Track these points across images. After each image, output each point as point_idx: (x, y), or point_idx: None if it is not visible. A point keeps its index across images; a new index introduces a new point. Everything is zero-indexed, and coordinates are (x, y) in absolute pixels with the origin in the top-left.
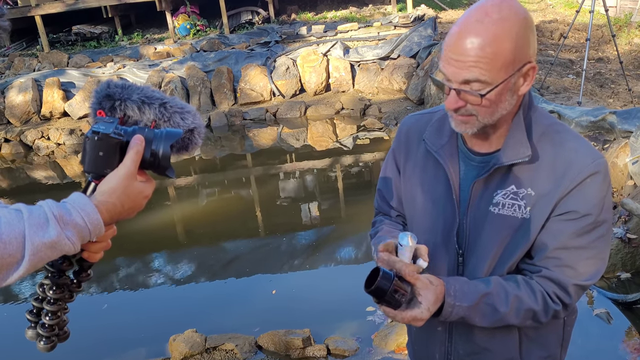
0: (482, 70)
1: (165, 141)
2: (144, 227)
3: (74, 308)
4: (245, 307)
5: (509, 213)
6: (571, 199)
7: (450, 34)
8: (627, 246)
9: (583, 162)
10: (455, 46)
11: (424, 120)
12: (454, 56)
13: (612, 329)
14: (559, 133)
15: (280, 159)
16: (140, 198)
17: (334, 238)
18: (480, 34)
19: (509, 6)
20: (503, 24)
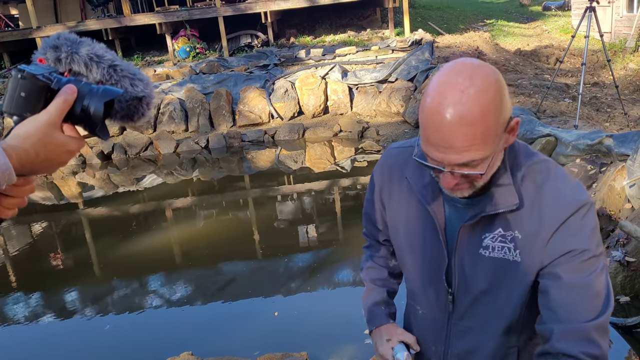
0: (476, 151)
1: (100, 98)
2: (141, 248)
3: (72, 331)
4: (243, 329)
5: (500, 256)
6: (560, 240)
7: (430, 119)
8: (626, 269)
9: (564, 203)
10: (441, 134)
11: (407, 153)
12: (443, 144)
13: (612, 353)
14: (540, 173)
15: (278, 181)
16: (61, 152)
17: (332, 261)
18: (465, 116)
19: (480, 74)
20: (482, 98)
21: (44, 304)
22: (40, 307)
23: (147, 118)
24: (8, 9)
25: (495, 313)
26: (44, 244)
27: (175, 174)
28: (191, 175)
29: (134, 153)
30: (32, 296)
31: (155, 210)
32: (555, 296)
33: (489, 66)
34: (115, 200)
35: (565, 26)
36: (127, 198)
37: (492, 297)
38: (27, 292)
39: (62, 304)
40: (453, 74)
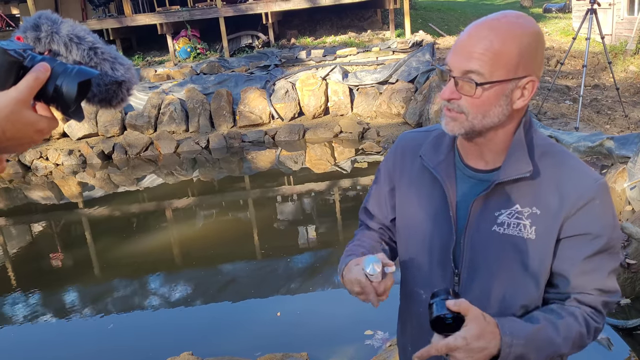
0: (483, 62)
1: (73, 78)
2: (142, 248)
3: (74, 330)
4: (243, 330)
5: (515, 233)
6: (580, 220)
7: (466, 29)
8: (627, 271)
9: (587, 182)
10: (466, 36)
11: (420, 137)
12: (462, 45)
13: (613, 355)
14: (560, 153)
15: (278, 182)
16: (30, 131)
17: (332, 261)
18: (493, 29)
19: (527, 18)
20: (516, 28)
21: (46, 303)
22: (42, 307)
23: (126, 103)
24: (9, 8)
25: (502, 293)
26: (44, 244)
27: (175, 174)
28: (191, 175)
29: (135, 153)
30: (33, 296)
31: (155, 211)
32: (571, 278)
33: (539, 26)
34: (115, 200)
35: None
36: (128, 198)
37: (500, 278)
38: (28, 292)
39: (63, 304)
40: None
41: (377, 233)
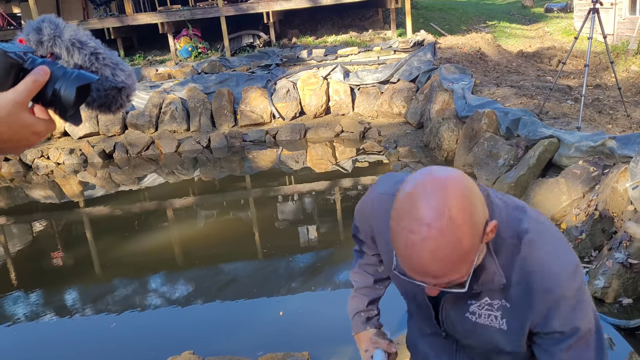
0: (454, 274)
1: (72, 82)
2: (143, 247)
3: (75, 329)
4: (244, 329)
5: (487, 323)
6: (551, 320)
7: (402, 251)
8: (629, 271)
9: (553, 278)
10: (415, 267)
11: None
12: (419, 272)
13: (615, 355)
14: (524, 244)
15: (279, 181)
16: (27, 133)
17: (333, 261)
18: (435, 251)
19: (444, 199)
20: (453, 228)
21: (47, 302)
22: (44, 306)
23: (125, 109)
24: (10, 7)
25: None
26: (45, 243)
27: (176, 174)
28: (192, 174)
29: (136, 152)
30: (34, 295)
31: (156, 210)
32: None
33: (453, 181)
34: (116, 200)
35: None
36: (129, 197)
37: (483, 351)
38: (30, 291)
39: (65, 303)
40: (418, 202)
41: (375, 260)
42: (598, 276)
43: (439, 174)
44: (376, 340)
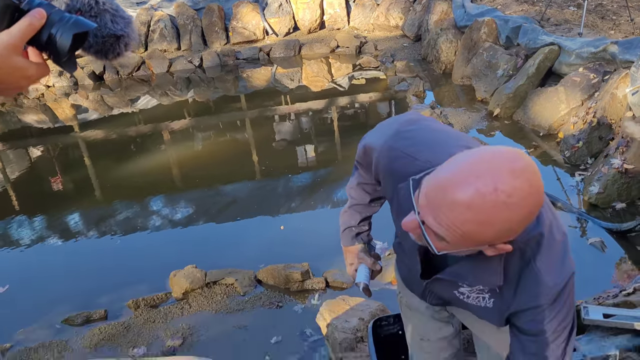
0: (447, 234)
1: (69, 28)
2: (141, 170)
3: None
4: (245, 245)
5: (474, 303)
6: (523, 318)
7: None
8: (624, 177)
9: (535, 292)
10: (440, 191)
11: (403, 162)
12: (432, 196)
13: (606, 257)
14: (530, 247)
15: (275, 101)
16: (18, 76)
17: (331, 180)
18: (471, 211)
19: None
20: (502, 212)
21: (50, 226)
22: (47, 229)
23: (123, 58)
24: None
25: None
26: (43, 168)
27: (170, 95)
28: (186, 95)
29: (126, 73)
30: (36, 219)
31: (152, 133)
32: (519, 357)
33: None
34: (111, 123)
35: None
36: (123, 120)
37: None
38: (31, 215)
39: (67, 226)
40: (502, 159)
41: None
42: (593, 182)
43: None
44: (362, 256)
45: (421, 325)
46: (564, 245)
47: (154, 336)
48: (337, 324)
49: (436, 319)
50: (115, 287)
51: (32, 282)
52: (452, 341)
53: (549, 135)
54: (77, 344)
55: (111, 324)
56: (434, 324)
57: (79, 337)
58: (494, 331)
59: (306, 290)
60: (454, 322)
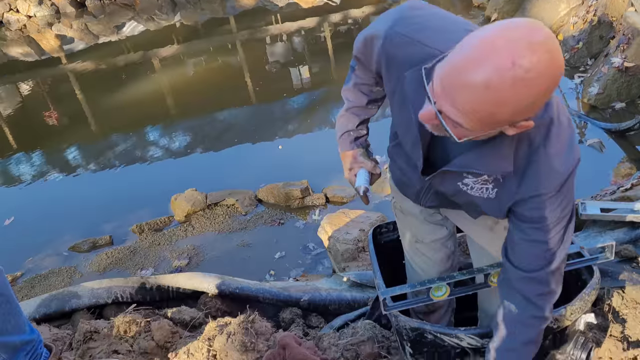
0: (467, 120)
1: None
2: (134, 100)
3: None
4: (245, 167)
5: (477, 194)
6: (527, 206)
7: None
8: (624, 75)
9: (544, 179)
10: (457, 76)
11: (410, 47)
12: (449, 83)
13: (605, 157)
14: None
15: (265, 21)
16: None
17: (328, 100)
18: (489, 90)
19: (547, 61)
20: (522, 88)
21: (48, 161)
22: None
23: None
24: None
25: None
26: (35, 103)
27: (156, 20)
28: (173, 19)
29: None
30: (35, 155)
31: (142, 61)
32: (519, 244)
33: (558, 61)
34: (98, 52)
35: None
36: (111, 49)
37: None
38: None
39: (65, 160)
40: (519, 33)
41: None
42: (592, 83)
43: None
44: (362, 160)
45: (415, 228)
46: (571, 131)
47: (160, 258)
48: (338, 236)
49: (430, 222)
50: (118, 215)
51: (37, 214)
52: (446, 243)
53: None
54: (86, 269)
55: (117, 249)
56: (427, 226)
57: (87, 262)
58: (487, 232)
59: (307, 207)
60: (447, 225)
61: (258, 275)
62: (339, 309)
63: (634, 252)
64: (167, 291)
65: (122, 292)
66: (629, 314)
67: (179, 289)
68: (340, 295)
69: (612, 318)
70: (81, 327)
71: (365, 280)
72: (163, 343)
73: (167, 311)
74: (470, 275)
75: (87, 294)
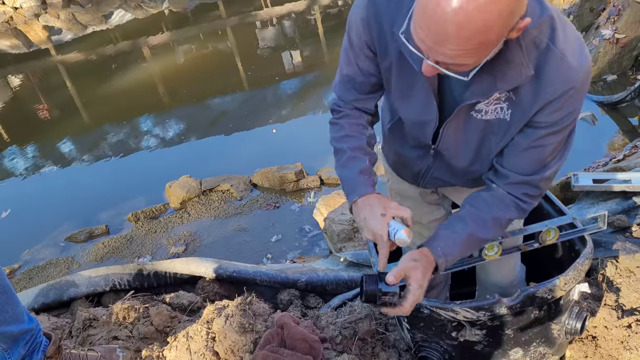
0: (467, 58)
1: None
2: (126, 90)
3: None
4: (239, 153)
5: (492, 117)
6: (546, 110)
7: (426, 6)
8: (615, 47)
9: (564, 76)
10: (433, 31)
11: (390, 7)
12: (432, 40)
13: (597, 130)
14: (544, 34)
15: (255, 5)
16: None
17: (320, 84)
18: (465, 23)
19: None
20: (488, 11)
21: (42, 153)
22: (39, 157)
23: None
24: None
25: (467, 169)
26: (26, 97)
27: (144, 7)
28: (161, 6)
29: None
30: (29, 148)
31: (132, 50)
32: (526, 151)
33: None
34: (87, 42)
35: None
36: (100, 38)
37: (473, 153)
38: (23, 145)
39: (59, 152)
40: None
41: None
42: None
43: None
44: (397, 207)
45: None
46: (574, 28)
47: (157, 245)
48: (334, 217)
49: (427, 202)
50: (113, 204)
51: (32, 206)
52: None
53: None
54: (83, 259)
55: (114, 238)
56: (425, 207)
57: (84, 252)
58: None
59: (302, 190)
60: (444, 205)
61: (255, 259)
62: (337, 289)
63: (627, 222)
64: (165, 277)
65: (119, 280)
66: (623, 282)
67: (176, 274)
68: (337, 275)
69: (607, 287)
70: (80, 315)
71: (362, 259)
72: (162, 328)
73: (165, 297)
74: None
75: (85, 283)
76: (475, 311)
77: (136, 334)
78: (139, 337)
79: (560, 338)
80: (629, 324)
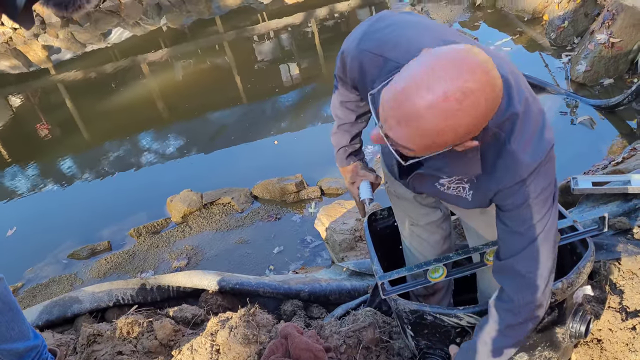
0: (411, 146)
1: None
2: (126, 107)
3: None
4: (240, 166)
5: (454, 194)
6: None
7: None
8: (611, 51)
9: (512, 172)
10: (394, 108)
11: (375, 63)
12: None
13: (596, 134)
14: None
15: (251, 20)
16: None
17: (318, 96)
18: (424, 121)
19: (480, 90)
20: (458, 116)
21: (44, 172)
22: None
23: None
24: None
25: None
26: (26, 116)
27: (142, 25)
28: (159, 23)
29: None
30: (30, 167)
31: (131, 67)
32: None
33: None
34: (86, 61)
35: None
36: (99, 56)
37: None
38: (25, 164)
39: (61, 170)
40: (448, 64)
41: (357, 96)
42: (580, 61)
43: (464, 52)
44: (363, 173)
45: (410, 211)
46: (542, 120)
47: (159, 260)
48: (335, 227)
49: (424, 205)
50: (115, 220)
51: (34, 224)
52: (441, 225)
53: (533, 19)
54: (86, 275)
55: (116, 254)
56: (421, 209)
57: (87, 269)
58: (477, 215)
59: (302, 200)
60: (441, 207)
61: (257, 271)
62: (340, 299)
63: (628, 223)
64: (168, 291)
65: (123, 295)
66: (626, 284)
67: (179, 287)
68: (340, 285)
69: (610, 290)
70: (84, 331)
71: (364, 268)
72: (166, 342)
73: (168, 310)
74: (466, 254)
75: (89, 298)
76: (479, 316)
77: (140, 349)
78: (143, 351)
79: (565, 342)
80: (633, 326)
